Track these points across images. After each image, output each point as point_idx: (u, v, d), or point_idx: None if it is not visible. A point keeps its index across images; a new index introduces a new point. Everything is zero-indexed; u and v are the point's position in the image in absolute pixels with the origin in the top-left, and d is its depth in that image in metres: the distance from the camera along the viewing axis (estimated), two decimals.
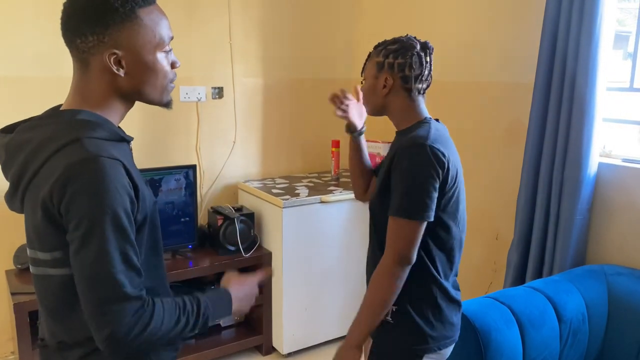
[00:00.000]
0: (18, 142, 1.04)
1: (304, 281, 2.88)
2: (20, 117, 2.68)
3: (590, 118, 2.10)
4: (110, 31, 1.00)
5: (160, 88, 1.10)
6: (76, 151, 0.96)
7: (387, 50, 1.48)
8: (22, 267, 2.49)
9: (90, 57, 1.03)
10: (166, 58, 1.09)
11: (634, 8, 2.24)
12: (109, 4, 1.00)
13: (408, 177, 1.37)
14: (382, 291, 1.42)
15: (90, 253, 0.95)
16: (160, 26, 1.06)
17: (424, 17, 2.97)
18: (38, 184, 0.99)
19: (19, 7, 2.44)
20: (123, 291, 0.96)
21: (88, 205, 0.94)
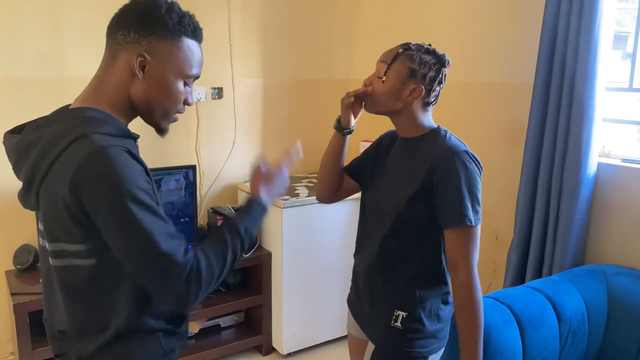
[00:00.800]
0: (27, 141, 1.07)
1: (304, 281, 2.88)
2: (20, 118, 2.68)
3: (590, 118, 2.11)
4: (151, 38, 1.06)
5: (165, 111, 1.13)
6: (84, 146, 0.99)
7: (422, 60, 1.44)
8: (22, 267, 2.49)
9: (122, 51, 1.07)
10: (184, 89, 1.13)
11: (633, 8, 2.24)
12: (164, 18, 1.07)
13: (466, 186, 1.38)
14: (478, 306, 1.40)
15: (128, 238, 0.99)
16: (194, 59, 1.12)
17: (423, 18, 2.97)
18: (52, 180, 1.01)
19: (19, 7, 2.44)
20: (171, 261, 1.00)
21: (107, 195, 0.97)
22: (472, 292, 1.40)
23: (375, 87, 1.47)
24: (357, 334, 1.68)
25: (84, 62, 2.59)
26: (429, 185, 1.40)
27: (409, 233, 1.45)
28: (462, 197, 1.37)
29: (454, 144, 1.43)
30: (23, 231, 2.52)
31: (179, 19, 1.08)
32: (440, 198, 1.40)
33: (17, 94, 2.48)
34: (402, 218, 1.44)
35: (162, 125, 1.16)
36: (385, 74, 1.44)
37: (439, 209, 1.41)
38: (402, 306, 1.48)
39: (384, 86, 1.45)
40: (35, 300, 2.27)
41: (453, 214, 1.38)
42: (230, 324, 3.04)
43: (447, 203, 1.39)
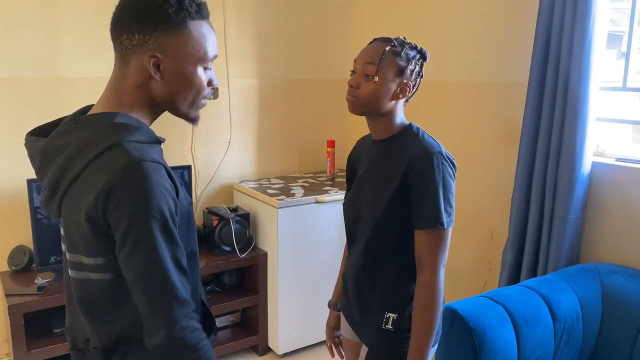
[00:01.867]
0: (54, 146, 1.03)
1: (300, 281, 2.88)
2: (17, 118, 2.67)
3: (584, 117, 2.11)
4: (157, 34, 1.01)
5: (191, 101, 1.09)
6: (118, 156, 0.96)
7: (408, 55, 1.42)
8: (17, 268, 2.49)
9: (132, 55, 1.03)
10: (205, 73, 1.09)
11: (627, 8, 2.25)
12: (163, 8, 1.00)
13: (439, 187, 1.37)
14: (436, 307, 1.41)
15: (143, 257, 0.97)
16: (207, 41, 1.06)
17: (419, 17, 2.97)
18: (79, 189, 0.99)
19: (15, 7, 2.43)
20: (176, 293, 0.99)
21: (136, 211, 0.95)
22: (433, 293, 1.40)
23: (365, 88, 1.42)
24: (350, 337, 1.68)
25: (80, 62, 2.59)
26: (405, 186, 1.40)
27: (391, 235, 1.45)
28: (436, 200, 1.37)
29: (429, 144, 1.42)
30: (18, 232, 2.52)
31: (179, 3, 1.01)
32: (414, 199, 1.39)
33: (13, 94, 2.47)
34: (383, 221, 1.44)
35: (191, 116, 1.12)
36: (377, 74, 1.40)
37: (413, 210, 1.40)
38: (391, 308, 1.48)
39: (376, 86, 1.41)
40: (30, 301, 2.26)
41: (426, 217, 1.38)
42: (226, 324, 3.04)
43: (420, 205, 1.38)
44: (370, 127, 1.53)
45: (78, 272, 1.06)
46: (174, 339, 0.98)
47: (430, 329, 1.41)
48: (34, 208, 2.33)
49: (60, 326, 2.41)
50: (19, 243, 2.53)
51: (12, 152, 2.49)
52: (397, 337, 1.48)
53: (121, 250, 0.98)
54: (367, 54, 1.44)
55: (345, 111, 3.74)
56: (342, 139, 3.47)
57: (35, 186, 2.32)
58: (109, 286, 1.03)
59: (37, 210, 2.34)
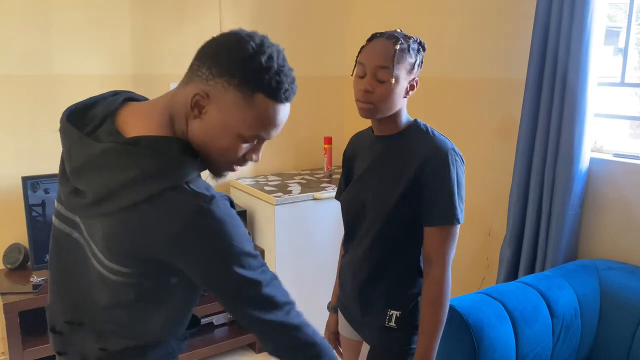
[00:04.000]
0: (106, 163, 0.94)
1: (297, 278, 2.87)
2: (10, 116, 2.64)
3: (582, 113, 2.11)
4: (220, 80, 0.94)
5: (219, 162, 1.02)
6: (184, 199, 0.92)
7: (414, 51, 1.39)
8: (12, 266, 2.47)
9: (192, 81, 0.97)
10: (245, 146, 1.00)
11: (624, 3, 2.24)
12: (240, 65, 0.93)
13: (454, 184, 1.37)
14: (445, 304, 1.41)
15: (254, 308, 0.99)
16: (265, 125, 0.98)
17: (416, 14, 2.96)
18: (134, 220, 0.93)
19: (8, 4, 2.41)
20: (288, 307, 1.05)
21: (221, 259, 0.95)
22: (443, 290, 1.40)
23: (381, 92, 1.36)
24: (350, 335, 1.67)
25: (73, 60, 2.57)
26: (418, 183, 1.39)
27: (399, 231, 1.44)
28: (451, 196, 1.37)
29: (442, 141, 1.41)
30: (12, 230, 2.50)
31: (259, 69, 0.93)
32: (429, 196, 1.38)
33: (6, 92, 2.45)
34: (392, 218, 1.43)
35: (216, 173, 1.05)
36: (393, 77, 1.35)
37: (427, 206, 1.39)
38: (394, 305, 1.47)
39: (392, 89, 1.36)
40: (26, 299, 2.25)
41: (441, 213, 1.38)
42: (224, 321, 3.03)
43: (436, 201, 1.38)
44: (375, 125, 1.49)
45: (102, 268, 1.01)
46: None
47: (439, 326, 1.41)
48: (29, 206, 2.32)
49: None
50: (14, 241, 2.52)
51: (7, 149, 2.47)
52: (400, 335, 1.47)
53: (223, 300, 1.00)
54: (378, 56, 1.36)
55: (342, 108, 3.74)
56: (339, 135, 3.46)
57: (30, 184, 2.30)
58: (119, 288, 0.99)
59: (32, 208, 2.33)
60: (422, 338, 1.41)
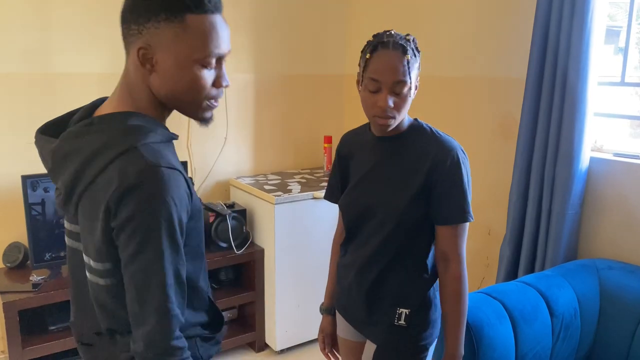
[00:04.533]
0: (66, 150, 1.00)
1: (297, 277, 2.87)
2: (9, 114, 2.64)
3: (582, 112, 2.10)
4: (150, 25, 0.95)
5: (194, 103, 1.03)
6: (133, 160, 0.94)
7: (416, 55, 1.38)
8: (12, 265, 2.47)
9: (130, 47, 0.99)
10: (208, 73, 1.02)
11: (624, 3, 2.24)
12: (159, 2, 0.95)
13: (465, 183, 1.41)
14: (466, 296, 1.46)
15: (144, 262, 0.94)
16: (208, 39, 0.99)
17: (416, 12, 2.96)
18: (95, 193, 0.96)
19: (7, 2, 2.40)
20: (169, 306, 0.96)
21: (145, 217, 0.93)
22: (463, 283, 1.45)
23: (399, 105, 1.35)
24: (349, 337, 1.66)
25: (72, 58, 2.57)
26: (429, 183, 1.40)
27: (410, 232, 1.45)
28: (464, 195, 1.40)
29: (449, 141, 1.43)
30: (12, 229, 2.50)
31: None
32: (442, 196, 1.40)
33: (5, 90, 2.45)
34: (405, 219, 1.42)
35: (199, 116, 1.06)
36: (409, 88, 1.35)
37: (440, 206, 1.41)
38: (403, 303, 1.47)
39: (410, 97, 1.37)
40: (25, 298, 2.25)
41: (455, 212, 1.41)
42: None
43: (448, 201, 1.40)
44: None
45: (89, 275, 1.05)
46: (153, 356, 0.96)
47: (464, 317, 1.46)
48: (28, 205, 2.31)
49: (56, 323, 2.40)
50: (14, 240, 2.51)
51: (6, 148, 2.47)
52: (410, 332, 1.48)
53: (124, 252, 0.96)
54: (393, 72, 1.33)
55: (342, 107, 3.74)
56: (339, 134, 3.43)
57: (29, 182, 2.30)
58: (115, 292, 1.02)
59: (31, 207, 2.32)
60: (450, 331, 1.45)
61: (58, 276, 2.44)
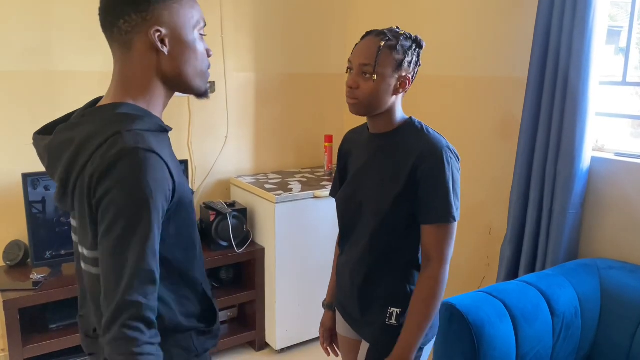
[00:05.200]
0: (59, 142, 1.03)
1: (297, 277, 2.87)
2: (10, 113, 2.64)
3: (583, 112, 2.10)
4: (153, 9, 1.01)
5: (199, 72, 1.10)
6: (114, 144, 0.96)
7: (404, 47, 1.38)
8: (12, 263, 2.47)
9: (135, 37, 1.03)
10: (202, 41, 1.10)
11: (626, 3, 2.24)
12: None
13: (449, 182, 1.37)
14: (438, 300, 1.41)
15: (116, 245, 0.94)
16: (195, 8, 1.09)
17: (417, 11, 2.96)
18: (83, 180, 0.98)
19: (7, 1, 2.40)
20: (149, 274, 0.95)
21: (122, 196, 0.94)
22: (438, 285, 1.40)
23: (365, 88, 1.38)
24: (348, 334, 1.66)
25: (73, 56, 2.57)
26: (413, 181, 1.39)
27: (397, 230, 1.44)
28: (447, 195, 1.37)
29: (436, 139, 1.41)
30: (12, 227, 2.50)
31: None
32: (424, 194, 1.38)
33: (6, 88, 2.44)
34: (389, 216, 1.42)
35: (203, 87, 1.13)
36: (375, 72, 1.35)
37: (421, 204, 1.39)
38: (394, 303, 1.47)
39: (375, 85, 1.37)
40: (26, 296, 2.25)
41: (437, 211, 1.38)
42: (224, 319, 3.03)
43: (431, 200, 1.38)
44: (370, 123, 1.50)
45: (84, 265, 1.07)
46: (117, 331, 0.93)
47: (428, 321, 1.40)
48: (29, 203, 2.31)
49: (56, 322, 2.39)
50: (14, 238, 2.51)
51: (7, 146, 2.47)
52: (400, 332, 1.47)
53: (101, 234, 0.96)
54: (362, 53, 1.38)
55: (343, 106, 3.73)
56: (340, 133, 3.43)
57: (30, 180, 2.30)
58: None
59: (32, 205, 2.32)
60: (407, 329, 1.41)
61: (58, 274, 2.44)
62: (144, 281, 0.95)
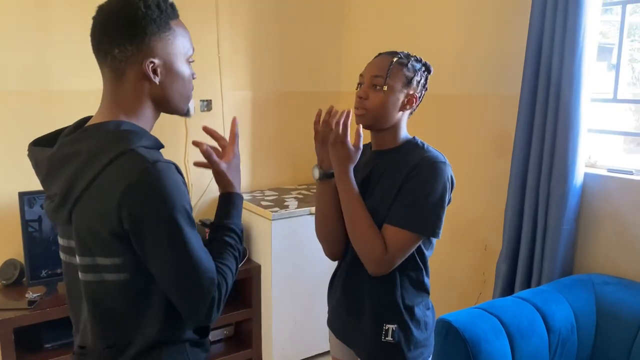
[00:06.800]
0: (63, 155, 1.05)
1: (294, 294, 2.86)
2: (8, 132, 2.65)
3: (576, 129, 2.12)
4: (147, 41, 1.05)
5: (185, 96, 1.16)
6: (134, 160, 1.00)
7: (414, 67, 1.45)
8: (7, 282, 2.46)
9: (128, 66, 1.06)
10: (191, 69, 1.16)
11: (616, 21, 2.27)
12: (147, 15, 1.05)
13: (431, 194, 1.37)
14: (358, 237, 1.42)
15: (175, 251, 1.01)
16: (186, 37, 1.14)
17: (411, 31, 2.99)
18: (95, 194, 1.01)
19: (4, 19, 2.42)
20: (209, 277, 1.06)
21: (160, 208, 0.99)
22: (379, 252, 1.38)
23: (374, 99, 1.42)
24: (342, 356, 1.66)
25: (71, 76, 2.58)
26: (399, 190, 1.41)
27: None
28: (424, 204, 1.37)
29: (435, 155, 1.44)
30: (8, 246, 2.49)
31: (157, 8, 1.06)
32: (402, 194, 1.39)
33: (3, 106, 2.46)
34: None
35: (185, 109, 1.18)
36: (385, 83, 1.41)
37: (395, 205, 1.39)
38: (390, 319, 1.47)
39: (385, 96, 1.41)
40: (21, 316, 2.24)
41: (406, 216, 1.37)
42: (220, 337, 3.01)
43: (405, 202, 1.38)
44: (373, 139, 1.53)
45: (91, 275, 1.07)
46: (215, 314, 1.11)
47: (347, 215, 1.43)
48: (25, 221, 2.31)
49: (51, 341, 2.38)
50: (10, 257, 2.50)
51: (3, 165, 2.47)
52: (397, 349, 1.47)
53: (147, 248, 1.01)
54: (374, 67, 1.45)
55: None
56: None
57: (26, 199, 2.30)
58: (123, 287, 1.05)
59: (28, 223, 2.32)
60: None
61: (54, 293, 2.43)
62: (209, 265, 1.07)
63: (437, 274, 1.68)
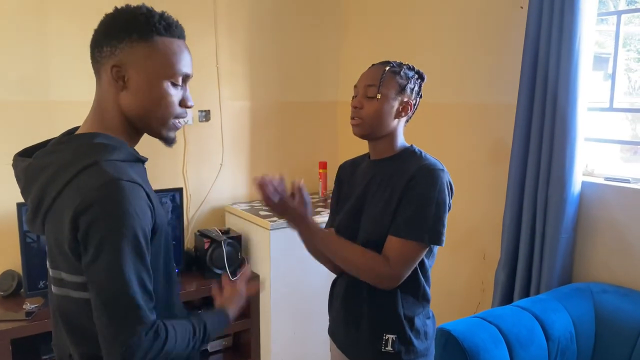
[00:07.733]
0: (37, 166, 1.06)
1: (293, 304, 2.85)
2: (6, 142, 2.65)
3: (573, 137, 2.13)
4: (123, 46, 1.04)
5: (161, 120, 1.09)
6: (95, 175, 0.98)
7: (407, 74, 1.47)
8: (5, 293, 2.45)
9: (101, 68, 1.07)
10: (176, 91, 1.10)
11: (612, 31, 2.29)
12: (131, 22, 1.04)
13: (432, 203, 1.37)
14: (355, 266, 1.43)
15: (109, 275, 0.96)
16: (176, 57, 1.08)
17: (409, 40, 3.01)
18: (60, 207, 1.00)
19: (4, 29, 2.44)
20: (140, 315, 0.97)
21: (109, 228, 0.96)
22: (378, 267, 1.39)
23: (369, 108, 1.44)
24: None
25: (70, 86, 2.59)
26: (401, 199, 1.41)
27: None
28: (426, 213, 1.37)
29: (432, 162, 1.45)
30: (5, 257, 2.48)
31: (146, 19, 1.04)
32: (404, 205, 1.39)
33: (1, 117, 2.46)
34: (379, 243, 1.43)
35: (164, 135, 1.12)
36: (379, 92, 1.43)
37: (398, 215, 1.40)
38: (390, 329, 1.46)
39: (379, 104, 1.44)
40: (18, 327, 2.23)
41: (410, 227, 1.38)
42: (219, 348, 3.00)
43: (407, 213, 1.38)
44: (371, 148, 1.54)
45: (60, 289, 1.07)
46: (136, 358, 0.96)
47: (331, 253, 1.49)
48: (23, 232, 2.31)
49: (49, 352, 2.36)
50: (8, 268, 2.50)
51: (1, 175, 2.47)
52: (398, 359, 1.46)
53: (89, 266, 0.97)
54: (367, 77, 1.47)
55: (337, 133, 3.77)
56: (334, 160, 3.48)
57: (24, 210, 2.30)
58: (87, 305, 1.02)
59: (26, 234, 2.32)
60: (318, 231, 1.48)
61: None
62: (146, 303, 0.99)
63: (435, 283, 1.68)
